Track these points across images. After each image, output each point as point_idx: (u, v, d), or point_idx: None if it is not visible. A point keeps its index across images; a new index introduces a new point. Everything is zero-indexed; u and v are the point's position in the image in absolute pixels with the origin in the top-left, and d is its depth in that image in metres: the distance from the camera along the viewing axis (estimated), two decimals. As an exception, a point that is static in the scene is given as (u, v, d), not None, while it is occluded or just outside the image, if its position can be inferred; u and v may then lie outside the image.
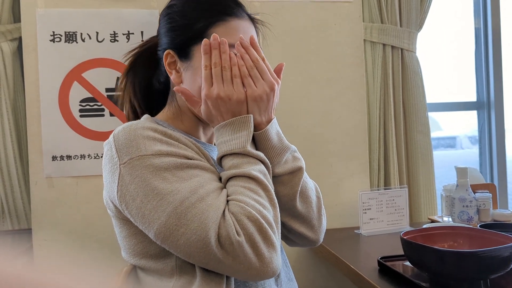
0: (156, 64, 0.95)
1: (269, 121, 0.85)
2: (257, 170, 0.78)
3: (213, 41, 0.82)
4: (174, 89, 0.87)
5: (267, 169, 0.81)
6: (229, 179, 0.78)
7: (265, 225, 0.72)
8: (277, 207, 0.78)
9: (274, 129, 0.87)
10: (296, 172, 0.87)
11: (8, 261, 0.24)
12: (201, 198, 0.72)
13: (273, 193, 0.78)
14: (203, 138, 0.95)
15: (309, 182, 0.93)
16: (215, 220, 0.70)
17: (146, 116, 0.92)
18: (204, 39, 0.83)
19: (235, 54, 0.84)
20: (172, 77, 0.89)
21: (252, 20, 0.93)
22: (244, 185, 0.76)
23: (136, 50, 0.98)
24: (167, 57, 0.89)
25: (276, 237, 0.74)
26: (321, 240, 0.96)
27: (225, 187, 0.78)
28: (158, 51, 0.92)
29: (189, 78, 0.87)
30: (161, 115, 0.94)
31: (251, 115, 0.82)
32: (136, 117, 0.98)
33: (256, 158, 0.80)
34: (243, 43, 0.85)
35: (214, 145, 0.96)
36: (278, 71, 0.89)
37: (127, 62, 0.98)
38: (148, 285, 0.83)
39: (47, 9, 1.67)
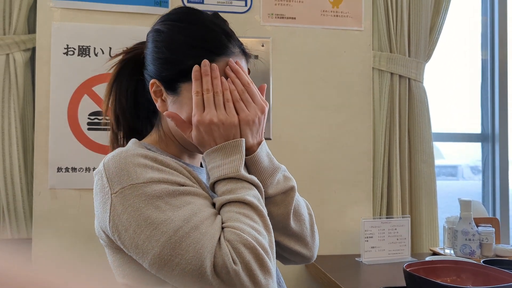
0: (141, 75, 0.91)
1: (259, 143, 0.86)
2: (252, 195, 0.78)
3: (203, 67, 0.82)
4: (164, 113, 0.85)
5: (260, 193, 0.81)
6: (223, 205, 0.78)
7: (262, 252, 0.71)
8: (272, 232, 0.77)
9: (264, 150, 0.87)
10: (289, 191, 0.88)
11: (8, 262, 0.25)
12: (195, 227, 0.71)
13: (268, 218, 0.78)
14: (188, 162, 0.93)
15: (300, 200, 0.93)
16: (210, 249, 0.69)
17: (133, 140, 0.89)
18: (195, 65, 0.82)
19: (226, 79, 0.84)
20: (158, 105, 0.87)
21: (244, 53, 0.90)
22: (239, 211, 0.75)
23: (121, 57, 0.94)
24: (153, 85, 0.87)
25: (272, 263, 0.73)
26: (315, 256, 0.95)
27: (219, 213, 0.78)
28: (145, 73, 0.90)
29: (176, 111, 0.85)
30: (148, 138, 0.92)
31: (243, 139, 0.82)
32: (119, 129, 0.94)
33: (250, 183, 0.80)
34: (233, 66, 0.84)
35: (201, 166, 0.95)
36: (261, 92, 0.89)
37: (112, 70, 0.93)
38: None
39: (62, 23, 1.70)
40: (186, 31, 0.85)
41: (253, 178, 0.81)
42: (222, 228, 0.74)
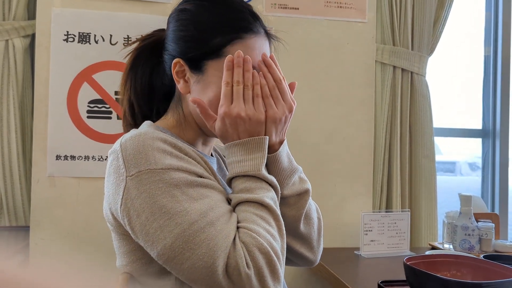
0: (157, 61, 0.90)
1: (281, 142, 0.84)
2: (270, 197, 0.76)
3: (237, 58, 0.79)
4: (190, 100, 0.83)
5: (277, 195, 0.80)
6: (240, 203, 0.76)
7: (275, 258, 0.70)
8: (285, 237, 0.77)
9: (285, 151, 0.86)
10: (303, 194, 0.87)
11: (4, 260, 0.24)
12: (211, 223, 0.70)
13: (282, 222, 0.77)
14: (201, 149, 0.91)
15: (312, 203, 0.92)
16: (224, 249, 0.68)
17: (148, 123, 0.87)
18: (228, 55, 0.80)
19: (258, 72, 0.82)
20: (180, 86, 0.85)
21: (268, 35, 0.88)
22: (256, 212, 0.74)
23: (137, 44, 0.91)
24: (176, 65, 0.84)
25: (282, 268, 0.73)
26: (318, 260, 0.95)
27: (234, 210, 0.77)
28: (164, 55, 0.88)
29: (199, 91, 0.83)
30: (163, 122, 0.89)
31: (267, 137, 0.80)
32: (133, 117, 0.92)
33: (269, 184, 0.79)
34: (267, 60, 0.82)
35: (212, 155, 0.94)
36: (291, 90, 0.87)
37: (128, 58, 0.91)
38: None
39: (63, 9, 1.68)
40: (213, 9, 0.84)
41: (273, 179, 0.80)
42: (237, 227, 0.73)
